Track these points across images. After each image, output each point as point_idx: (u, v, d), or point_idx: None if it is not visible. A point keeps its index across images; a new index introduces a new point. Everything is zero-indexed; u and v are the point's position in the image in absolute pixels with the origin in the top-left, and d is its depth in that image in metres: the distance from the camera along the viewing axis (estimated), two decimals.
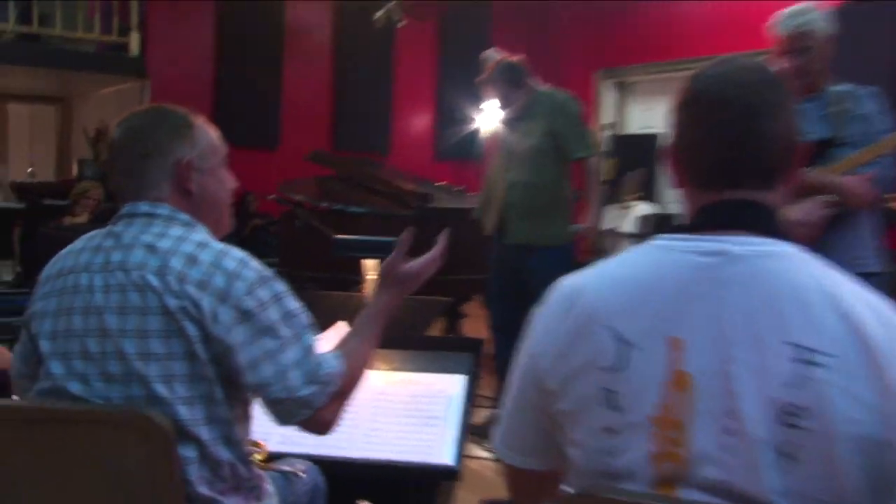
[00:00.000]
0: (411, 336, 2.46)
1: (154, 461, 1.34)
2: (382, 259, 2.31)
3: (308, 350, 1.50)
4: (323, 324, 2.17)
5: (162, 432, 1.30)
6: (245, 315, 1.42)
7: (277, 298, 1.47)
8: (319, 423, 1.52)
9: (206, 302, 1.41)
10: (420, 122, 9.30)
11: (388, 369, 2.35)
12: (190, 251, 1.45)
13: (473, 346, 2.33)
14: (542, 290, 1.21)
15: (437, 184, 5.68)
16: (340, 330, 2.18)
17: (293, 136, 8.18)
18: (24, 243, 6.93)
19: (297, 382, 1.46)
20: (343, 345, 1.64)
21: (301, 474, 1.78)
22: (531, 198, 3.97)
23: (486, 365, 4.68)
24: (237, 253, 1.49)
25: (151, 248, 1.45)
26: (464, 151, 8.28)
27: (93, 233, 1.57)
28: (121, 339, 1.42)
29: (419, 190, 5.05)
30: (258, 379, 1.44)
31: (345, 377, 1.55)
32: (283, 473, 1.78)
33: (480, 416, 4.19)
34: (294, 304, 1.50)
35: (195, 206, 1.57)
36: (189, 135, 1.57)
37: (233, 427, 1.48)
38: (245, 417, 1.54)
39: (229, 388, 1.47)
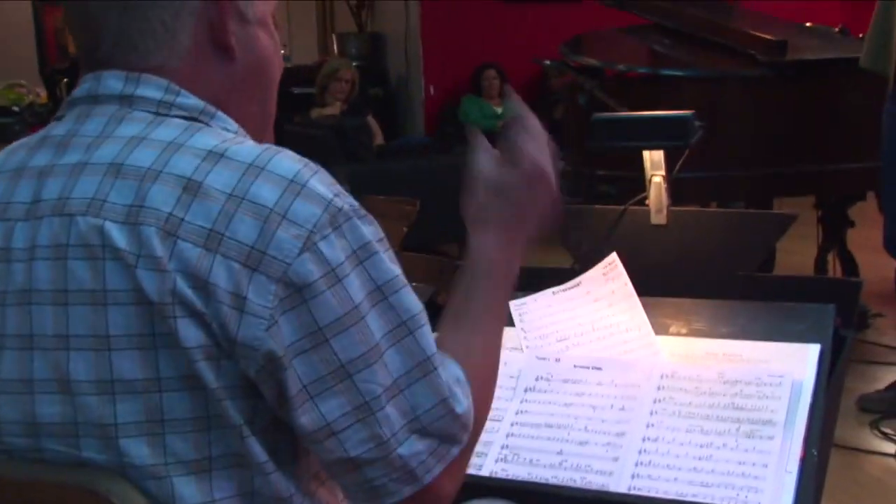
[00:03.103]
0: (731, 274, 1.97)
1: None
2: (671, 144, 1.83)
3: (420, 364, 1.06)
4: None
5: None
6: (299, 292, 0.99)
7: (364, 253, 1.04)
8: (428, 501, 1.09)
9: (221, 273, 0.98)
10: None
11: (686, 332, 1.89)
12: (189, 170, 1.02)
13: (841, 291, 1.87)
14: None
15: (803, 25, 4.95)
16: None
17: None
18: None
19: (392, 428, 1.04)
20: (451, 344, 1.16)
21: None
22: None
23: (888, 297, 4.05)
24: (284, 162, 1.04)
25: (116, 169, 1.04)
26: None
27: (21, 140, 1.16)
28: (61, 353, 1.02)
29: (768, 37, 4.35)
30: (315, 421, 1.02)
31: (475, 412, 1.12)
32: None
33: (881, 379, 3.60)
34: (390, 263, 1.06)
35: (232, 83, 1.14)
36: None
37: None
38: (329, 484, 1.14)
39: (278, 436, 1.05)
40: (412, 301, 1.05)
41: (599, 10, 6.15)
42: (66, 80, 7.72)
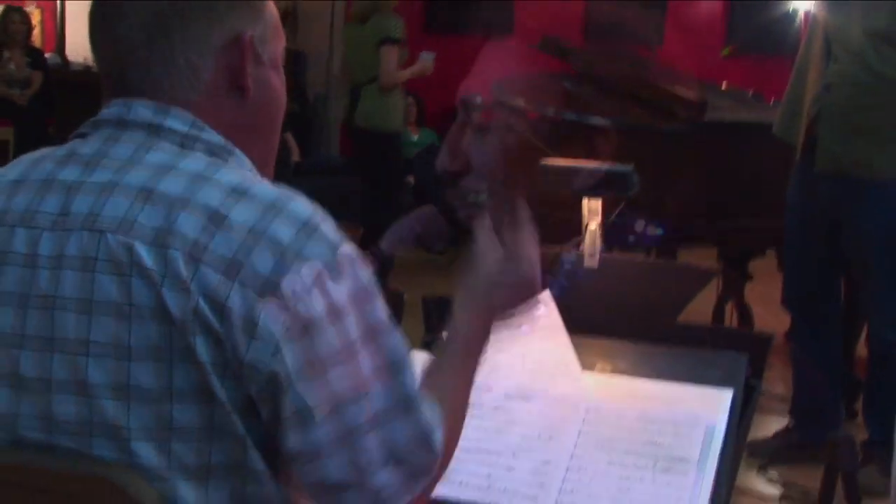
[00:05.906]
0: (655, 319, 2.12)
1: None
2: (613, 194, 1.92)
3: (403, 400, 1.16)
4: None
5: None
6: (305, 326, 1.08)
7: (363, 298, 1.13)
8: None
9: (237, 299, 1.07)
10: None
11: (611, 371, 1.97)
12: (215, 203, 1.10)
13: (755, 343, 2.01)
14: (874, 251, 0.80)
15: (721, 87, 5.14)
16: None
17: (530, 22, 7.95)
18: None
19: (371, 458, 1.13)
20: (432, 383, 1.27)
21: None
22: (865, 105, 3.55)
23: (779, 353, 4.25)
24: (299, 206, 1.13)
25: (147, 194, 1.10)
26: (766, 43, 8.01)
27: (43, 151, 1.21)
28: (80, 358, 1.09)
29: (690, 95, 4.50)
30: (302, 443, 1.11)
31: (445, 445, 1.22)
32: None
33: (768, 427, 3.75)
34: (382, 309, 1.16)
35: (244, 120, 1.22)
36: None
37: None
38: None
39: (275, 450, 1.14)
40: (400, 343, 1.15)
41: (519, 50, 6.30)
42: None
